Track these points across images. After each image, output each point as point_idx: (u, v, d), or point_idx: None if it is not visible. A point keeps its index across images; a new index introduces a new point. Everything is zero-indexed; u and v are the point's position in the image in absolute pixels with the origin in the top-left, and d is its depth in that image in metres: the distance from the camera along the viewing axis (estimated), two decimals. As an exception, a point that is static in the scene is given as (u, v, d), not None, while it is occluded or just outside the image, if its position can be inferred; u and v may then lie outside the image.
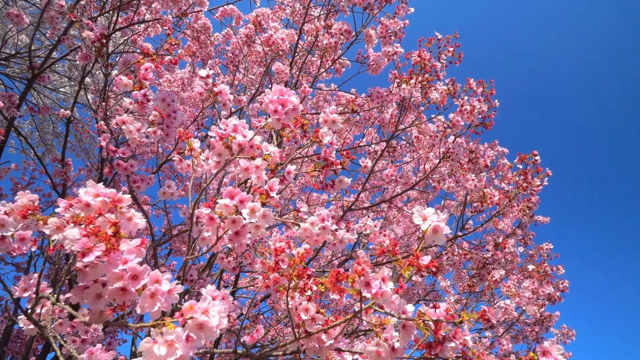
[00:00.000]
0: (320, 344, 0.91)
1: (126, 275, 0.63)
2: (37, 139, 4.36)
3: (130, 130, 1.37)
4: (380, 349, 0.85)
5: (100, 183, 0.73)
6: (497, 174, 3.13)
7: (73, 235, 0.63)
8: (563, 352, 0.85)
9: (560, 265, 3.60)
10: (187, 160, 1.24)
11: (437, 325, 0.81)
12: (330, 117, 1.26)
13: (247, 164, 1.04)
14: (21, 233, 0.80)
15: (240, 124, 1.04)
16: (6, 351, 2.90)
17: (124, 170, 1.60)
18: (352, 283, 0.82)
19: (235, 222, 0.94)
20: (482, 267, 2.93)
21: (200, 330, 0.60)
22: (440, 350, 0.81)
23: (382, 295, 0.79)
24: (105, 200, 0.70)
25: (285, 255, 1.04)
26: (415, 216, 0.85)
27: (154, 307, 0.62)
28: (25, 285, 0.99)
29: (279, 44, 2.66)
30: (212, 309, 0.61)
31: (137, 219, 0.73)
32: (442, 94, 2.64)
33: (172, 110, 1.44)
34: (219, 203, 0.93)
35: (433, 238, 0.84)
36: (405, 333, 0.85)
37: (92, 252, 0.61)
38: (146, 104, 1.27)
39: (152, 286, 0.63)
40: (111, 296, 0.64)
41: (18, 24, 2.08)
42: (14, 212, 0.78)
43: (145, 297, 0.63)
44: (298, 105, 1.02)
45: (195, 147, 1.20)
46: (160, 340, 0.58)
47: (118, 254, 0.63)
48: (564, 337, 4.17)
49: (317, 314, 0.94)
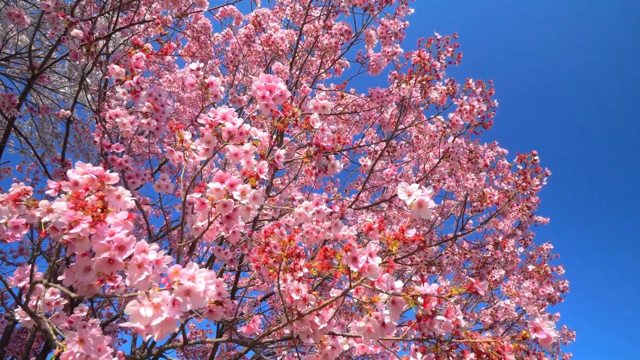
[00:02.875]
0: (314, 328, 0.91)
1: (113, 246, 0.63)
2: (36, 139, 4.37)
3: (124, 123, 1.38)
4: (370, 325, 0.85)
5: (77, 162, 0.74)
6: (496, 174, 3.13)
7: (61, 209, 0.64)
8: (554, 327, 0.85)
9: (561, 266, 3.61)
10: (179, 152, 1.24)
11: (426, 299, 0.81)
12: (320, 102, 1.27)
13: (236, 150, 1.05)
14: (15, 221, 0.81)
15: (229, 111, 1.05)
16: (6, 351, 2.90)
17: (118, 165, 1.60)
18: (340, 259, 0.82)
19: (226, 206, 0.95)
20: (482, 267, 2.94)
21: (187, 296, 0.60)
22: (430, 323, 0.81)
23: (369, 270, 0.80)
24: (92, 177, 0.71)
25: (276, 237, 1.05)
26: (400, 192, 0.86)
27: (142, 276, 0.62)
28: (20, 276, 0.99)
29: (278, 43, 2.66)
30: (198, 275, 0.61)
31: (125, 197, 0.73)
32: (441, 94, 2.65)
33: (159, 104, 1.44)
34: (210, 187, 0.94)
35: (418, 212, 0.84)
36: (394, 309, 0.85)
37: (79, 224, 0.61)
38: (139, 92, 1.27)
39: (139, 255, 0.63)
40: (99, 267, 0.65)
41: (19, 24, 2.09)
42: (7, 202, 0.78)
43: (132, 266, 0.63)
44: (285, 91, 1.03)
45: (186, 138, 1.21)
46: (147, 302, 0.58)
47: (105, 226, 0.64)
48: (564, 338, 4.16)
49: (308, 294, 0.94)
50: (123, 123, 1.37)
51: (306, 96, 2.62)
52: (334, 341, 0.96)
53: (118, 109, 1.39)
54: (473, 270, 3.04)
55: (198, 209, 0.96)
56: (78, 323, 1.11)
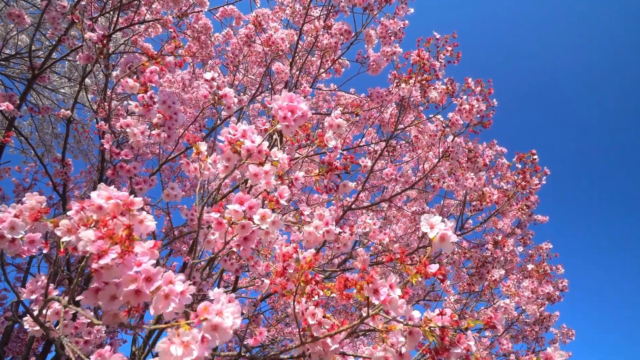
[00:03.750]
0: (326, 348, 0.93)
1: (140, 278, 0.64)
2: (36, 139, 4.37)
3: (135, 133, 1.38)
4: (388, 354, 0.87)
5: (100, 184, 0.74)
6: (495, 173, 3.14)
7: (88, 237, 0.64)
8: (565, 357, 0.86)
9: (560, 265, 3.62)
10: (194, 164, 1.24)
11: (443, 332, 0.83)
12: (336, 121, 1.27)
13: (256, 170, 1.05)
14: (30, 235, 0.80)
15: (249, 129, 1.05)
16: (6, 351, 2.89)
17: (127, 173, 1.61)
18: (359, 289, 0.83)
19: (245, 228, 0.95)
20: (482, 266, 2.95)
21: (215, 331, 0.61)
22: (446, 356, 0.83)
23: (390, 302, 0.81)
24: (117, 203, 0.71)
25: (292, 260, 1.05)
26: (423, 224, 0.87)
27: (168, 308, 0.63)
28: (32, 288, 0.99)
29: (278, 43, 2.67)
30: (225, 310, 0.62)
31: (148, 221, 0.74)
32: (441, 94, 2.66)
33: (173, 112, 1.45)
34: (229, 208, 0.94)
35: (440, 246, 0.86)
36: (412, 339, 0.87)
37: (108, 254, 0.62)
38: (152, 106, 1.28)
39: (166, 287, 0.64)
40: (126, 298, 0.65)
41: (19, 24, 2.09)
42: (23, 214, 0.78)
43: (159, 298, 0.64)
44: (307, 112, 1.04)
45: (202, 150, 1.21)
46: (177, 341, 0.59)
47: (132, 256, 0.64)
48: (563, 337, 4.17)
49: (323, 319, 0.95)
50: (134, 133, 1.37)
51: (306, 96, 2.62)
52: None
53: (129, 119, 1.39)
54: (473, 269, 3.05)
55: (215, 229, 0.97)
56: (84, 329, 1.11)
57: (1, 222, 0.76)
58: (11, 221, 0.77)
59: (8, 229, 0.77)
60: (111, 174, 1.68)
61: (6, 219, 0.77)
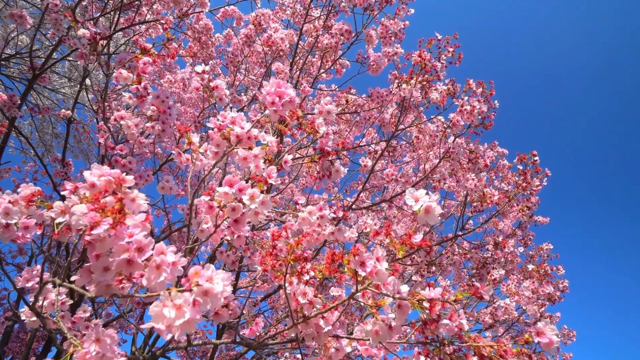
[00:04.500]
0: (319, 330, 0.93)
1: (132, 247, 0.65)
2: (36, 139, 4.37)
3: (129, 125, 1.39)
4: (378, 328, 0.87)
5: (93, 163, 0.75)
6: (497, 174, 3.14)
7: (81, 211, 0.65)
8: (556, 332, 0.86)
9: (560, 265, 3.62)
10: (186, 154, 1.25)
11: (432, 303, 0.83)
12: (325, 107, 1.28)
13: (245, 153, 1.06)
14: (25, 221, 0.81)
15: (238, 116, 1.06)
16: (6, 351, 2.90)
17: (122, 167, 1.60)
18: (347, 263, 0.83)
19: (235, 210, 0.95)
20: (482, 267, 2.94)
21: (206, 297, 0.62)
22: (435, 327, 0.83)
23: (377, 274, 0.81)
24: (109, 180, 0.72)
25: (282, 241, 1.06)
26: (408, 197, 0.87)
27: (160, 278, 0.63)
28: (28, 276, 1.00)
29: (278, 44, 2.66)
30: (216, 276, 0.63)
31: (140, 200, 0.75)
32: (442, 94, 2.65)
33: (166, 106, 1.45)
34: (218, 191, 0.95)
35: (425, 218, 0.86)
36: (400, 312, 0.87)
37: (100, 225, 0.63)
38: (146, 97, 1.28)
39: (158, 257, 0.65)
40: (118, 268, 0.66)
41: (21, 25, 2.09)
42: (18, 202, 0.79)
43: (151, 268, 0.64)
44: (294, 97, 1.04)
45: (194, 140, 1.22)
46: (169, 303, 0.60)
47: (124, 227, 0.65)
48: (564, 338, 4.17)
49: (314, 298, 0.95)
50: (128, 125, 1.37)
51: (306, 96, 2.62)
52: (337, 343, 0.97)
53: (123, 112, 1.39)
54: (473, 270, 3.05)
55: (206, 213, 0.97)
56: (81, 323, 1.11)
57: (-5, 208, 0.76)
58: (5, 207, 0.78)
59: (2, 214, 0.77)
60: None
61: (1, 204, 0.77)
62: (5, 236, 0.79)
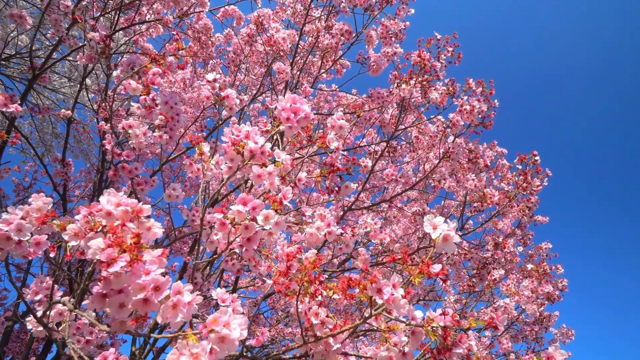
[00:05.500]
0: (328, 348, 0.93)
1: (149, 286, 0.64)
2: (36, 139, 4.36)
3: (137, 134, 1.38)
4: (392, 354, 0.87)
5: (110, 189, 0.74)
6: (496, 174, 3.15)
7: (98, 245, 0.64)
8: (566, 356, 0.87)
9: (560, 265, 3.62)
10: (198, 165, 1.24)
11: (445, 332, 0.83)
12: (338, 122, 1.28)
13: (260, 171, 1.06)
14: (36, 237, 0.81)
15: (252, 130, 1.05)
16: (6, 351, 2.89)
17: (128, 174, 1.60)
18: (362, 289, 0.84)
19: (248, 228, 0.96)
20: (482, 267, 2.95)
21: (222, 343, 0.62)
22: (448, 356, 0.83)
23: (393, 302, 0.82)
24: (127, 210, 0.71)
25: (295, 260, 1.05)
26: (426, 225, 0.88)
27: (177, 318, 0.63)
28: (37, 289, 0.99)
29: (280, 44, 2.67)
30: (232, 321, 0.63)
31: (155, 228, 0.75)
32: (441, 94, 2.66)
33: (175, 112, 1.44)
34: (232, 209, 0.94)
35: (443, 246, 0.87)
36: (414, 339, 0.88)
37: (117, 262, 0.62)
38: (154, 108, 1.27)
39: (175, 297, 0.64)
40: (134, 306, 0.66)
41: (21, 25, 2.08)
42: (30, 215, 0.78)
43: (167, 307, 0.64)
44: (310, 113, 1.04)
45: (205, 151, 1.21)
46: (187, 352, 0.60)
47: (141, 264, 0.64)
48: (563, 337, 4.18)
49: (326, 319, 0.95)
50: (136, 134, 1.37)
51: (307, 97, 2.62)
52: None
53: (131, 120, 1.39)
54: (473, 270, 3.05)
55: (218, 230, 0.97)
56: (85, 329, 1.11)
57: (8, 224, 0.76)
58: (18, 223, 0.77)
59: (15, 231, 0.77)
60: (112, 175, 1.68)
61: (13, 221, 0.77)
62: (17, 252, 0.78)
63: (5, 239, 0.77)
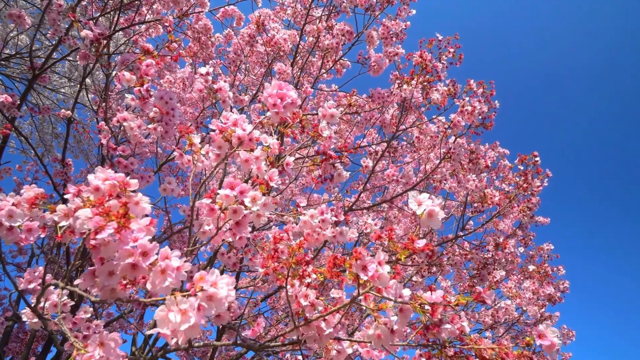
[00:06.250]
0: (320, 333, 0.93)
1: (137, 252, 0.65)
2: (36, 139, 4.36)
3: (132, 127, 1.38)
4: (380, 332, 0.87)
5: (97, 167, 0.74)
6: (497, 174, 3.14)
7: (85, 215, 0.65)
8: (558, 334, 0.86)
9: (561, 266, 3.62)
10: (188, 156, 1.24)
11: (434, 307, 0.83)
12: (329, 111, 1.28)
13: (247, 156, 1.07)
14: (28, 224, 0.81)
15: (240, 118, 1.06)
16: (6, 351, 2.89)
17: (124, 168, 1.60)
18: (349, 267, 0.83)
19: (236, 212, 0.95)
20: (483, 267, 2.94)
21: (210, 301, 0.63)
22: (437, 331, 0.83)
23: (379, 278, 0.81)
24: (114, 183, 0.72)
25: (284, 243, 1.05)
26: (411, 201, 0.87)
27: (165, 282, 0.64)
28: (30, 277, 0.99)
29: (280, 44, 2.66)
30: (220, 281, 0.64)
31: (143, 203, 0.76)
32: (443, 95, 2.65)
33: (170, 107, 1.44)
34: (220, 193, 0.95)
35: (428, 222, 0.86)
36: (403, 316, 0.87)
37: (105, 229, 0.63)
38: (148, 99, 1.27)
39: (163, 262, 0.65)
40: (123, 272, 0.67)
41: (19, 25, 2.08)
42: (22, 204, 0.79)
43: (156, 272, 0.65)
44: (296, 99, 1.04)
45: (195, 142, 1.21)
46: (175, 308, 0.60)
47: (129, 231, 0.66)
48: (564, 338, 4.17)
49: (316, 300, 0.95)
50: (130, 127, 1.37)
51: (307, 96, 2.62)
52: (339, 345, 0.97)
53: (125, 113, 1.39)
54: (474, 271, 3.04)
55: (207, 215, 0.97)
56: (82, 324, 1.11)
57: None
58: (9, 209, 0.78)
59: (6, 217, 0.77)
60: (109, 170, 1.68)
61: (4, 207, 0.77)
62: (8, 239, 0.79)
63: (-4, 225, 0.77)
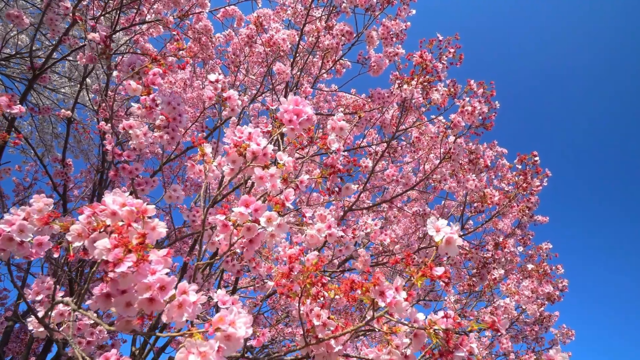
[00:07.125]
0: (329, 350, 0.93)
1: (155, 286, 0.65)
2: (36, 139, 4.36)
3: (138, 134, 1.38)
4: (394, 356, 0.87)
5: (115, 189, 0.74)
6: (496, 174, 3.15)
7: (104, 245, 0.65)
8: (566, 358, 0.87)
9: (560, 265, 3.63)
10: (199, 166, 1.24)
11: (448, 334, 0.83)
12: (338, 124, 1.28)
13: (262, 173, 1.05)
14: (39, 238, 0.80)
15: (254, 132, 1.05)
16: (6, 351, 2.89)
17: (129, 174, 1.60)
18: (365, 292, 0.84)
19: (250, 230, 0.96)
20: (483, 266, 2.95)
21: (228, 341, 0.63)
22: (450, 358, 0.83)
23: (396, 305, 0.82)
24: (132, 210, 0.72)
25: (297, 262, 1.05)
26: (429, 227, 0.88)
27: (182, 318, 0.64)
28: (38, 289, 0.99)
29: (280, 44, 2.66)
30: (238, 320, 0.64)
31: (160, 228, 0.75)
32: (443, 95, 2.65)
33: (177, 113, 1.44)
34: (234, 211, 0.94)
35: (446, 249, 0.87)
36: (416, 341, 0.88)
37: (124, 262, 0.63)
38: (154, 109, 1.27)
39: (180, 297, 0.65)
40: (140, 306, 0.67)
41: (18, 25, 2.08)
42: (31, 216, 0.78)
43: (172, 307, 0.65)
44: (312, 115, 1.04)
45: (207, 152, 1.21)
46: (195, 351, 0.61)
47: (147, 264, 0.65)
48: (563, 337, 4.18)
49: (328, 320, 0.95)
50: (136, 135, 1.37)
51: (307, 97, 2.62)
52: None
53: (131, 120, 1.39)
54: (473, 270, 3.05)
55: (221, 232, 0.97)
56: (86, 330, 1.11)
57: (10, 225, 0.76)
58: (20, 224, 0.77)
59: (17, 232, 0.77)
60: (113, 175, 1.68)
61: (15, 221, 0.77)
62: (19, 253, 0.78)
63: (7, 240, 0.77)
